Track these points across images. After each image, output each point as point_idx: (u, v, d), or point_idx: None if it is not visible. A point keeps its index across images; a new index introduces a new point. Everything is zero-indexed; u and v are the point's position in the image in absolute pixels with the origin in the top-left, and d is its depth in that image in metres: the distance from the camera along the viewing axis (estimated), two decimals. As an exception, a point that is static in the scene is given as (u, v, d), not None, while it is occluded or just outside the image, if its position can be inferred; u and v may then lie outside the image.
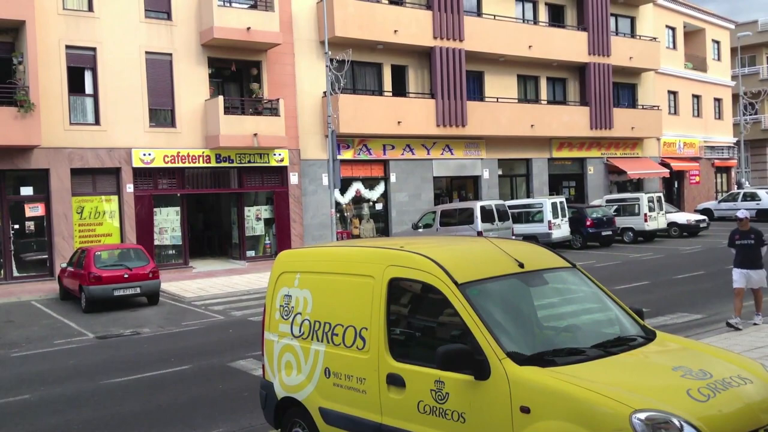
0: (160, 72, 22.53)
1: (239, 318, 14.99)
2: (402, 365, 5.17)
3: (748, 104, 45.25)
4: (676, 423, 3.97)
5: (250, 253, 24.50)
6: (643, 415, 3.97)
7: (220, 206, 26.99)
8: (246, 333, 12.90)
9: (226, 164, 23.51)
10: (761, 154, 51.06)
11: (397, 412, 5.17)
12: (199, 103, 23.02)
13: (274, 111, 23.80)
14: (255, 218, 24.76)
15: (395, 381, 5.18)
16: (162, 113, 22.82)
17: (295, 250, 7.18)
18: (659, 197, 29.17)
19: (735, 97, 45.61)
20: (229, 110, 22.86)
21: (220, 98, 22.54)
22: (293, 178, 24.90)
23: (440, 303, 5.07)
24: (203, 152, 22.98)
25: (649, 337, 5.26)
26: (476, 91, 30.45)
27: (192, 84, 22.92)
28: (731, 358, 4.95)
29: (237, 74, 24.56)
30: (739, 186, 43.08)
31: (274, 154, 24.35)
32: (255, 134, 22.85)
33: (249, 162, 23.87)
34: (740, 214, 11.51)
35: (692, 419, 4.00)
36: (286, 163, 24.62)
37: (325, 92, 23.44)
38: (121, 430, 8.02)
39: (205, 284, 20.26)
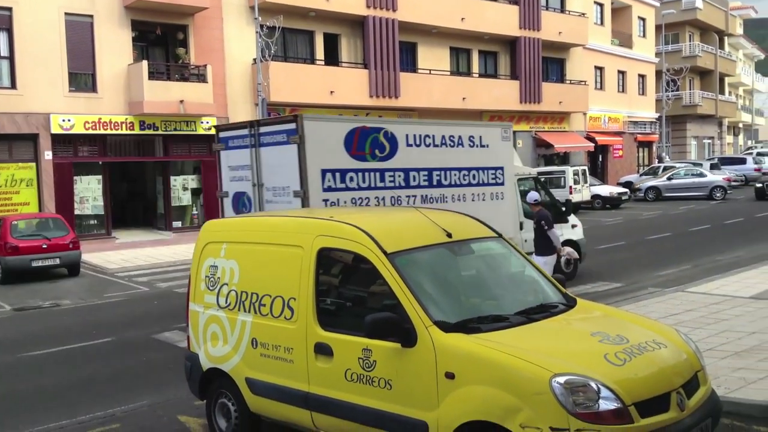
0: (80, 34, 21.51)
1: (165, 290, 14.69)
2: (330, 334, 5.18)
3: (671, 81, 46.85)
4: (594, 386, 4.09)
5: (177, 224, 23.93)
6: (562, 379, 4.09)
7: (144, 175, 26.17)
8: (171, 305, 12.65)
9: (151, 132, 22.74)
10: (681, 130, 53.11)
11: (325, 380, 5.18)
12: (122, 67, 22.13)
13: (201, 77, 23.12)
14: (182, 188, 24.14)
15: (323, 350, 5.18)
16: (82, 78, 21.85)
17: (221, 220, 7.06)
18: (584, 170, 30.08)
19: (658, 74, 47.13)
20: (153, 76, 22.06)
21: (144, 63, 21.74)
22: (222, 147, 24.29)
23: (369, 272, 5.08)
24: (126, 119, 22.16)
25: (570, 304, 5.41)
26: (409, 63, 30.40)
27: (114, 48, 21.99)
28: (647, 324, 5.14)
29: (162, 38, 23.67)
30: (660, 160, 44.78)
31: (202, 122, 23.72)
32: (181, 101, 22.18)
33: (175, 130, 23.17)
34: (531, 197, 10.82)
35: (609, 382, 4.13)
36: (213, 131, 23.96)
37: (255, 59, 22.92)
38: (43, 403, 7.79)
39: (129, 255, 19.72)
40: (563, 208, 13.44)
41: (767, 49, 79.39)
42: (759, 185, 31.23)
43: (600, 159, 41.97)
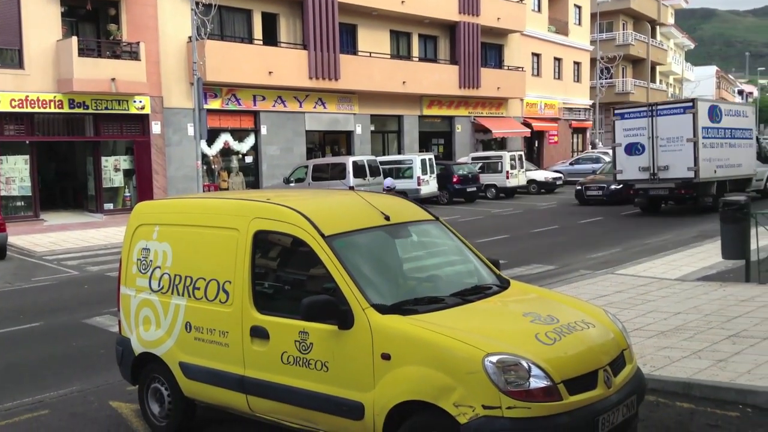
0: (5, 8, 20.53)
1: (95, 273, 14.29)
2: (266, 317, 5.15)
3: (605, 68, 48.02)
4: (525, 365, 4.19)
5: (108, 206, 23.25)
6: (494, 358, 4.17)
7: (74, 155, 25.29)
8: (103, 288, 12.32)
9: (81, 110, 21.96)
10: (613, 117, 54.51)
11: (261, 363, 5.15)
12: (51, 43, 21.26)
13: (134, 55, 22.42)
14: (113, 169, 23.44)
15: (259, 333, 5.15)
16: (8, 53, 20.89)
17: (153, 202, 6.90)
18: (520, 155, 30.66)
19: (593, 61, 48.24)
20: (84, 52, 21.26)
21: (74, 39, 20.93)
22: (155, 127, 23.72)
23: (306, 255, 5.06)
24: (55, 97, 21.33)
25: (503, 285, 5.51)
26: (349, 45, 30.21)
27: (42, 23, 21.07)
28: (576, 305, 5.29)
29: (93, 14, 22.84)
30: (593, 146, 45.95)
31: (134, 101, 23.03)
32: (113, 79, 21.47)
33: (106, 109, 22.44)
34: (387, 184, 11.02)
35: (539, 361, 4.24)
36: (147, 111, 23.37)
37: (190, 37, 22.35)
38: (-39, 392, 7.45)
39: (57, 238, 19.09)
40: None
41: (697, 39, 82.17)
42: None
43: (536, 144, 42.80)
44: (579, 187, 25.59)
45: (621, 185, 22.27)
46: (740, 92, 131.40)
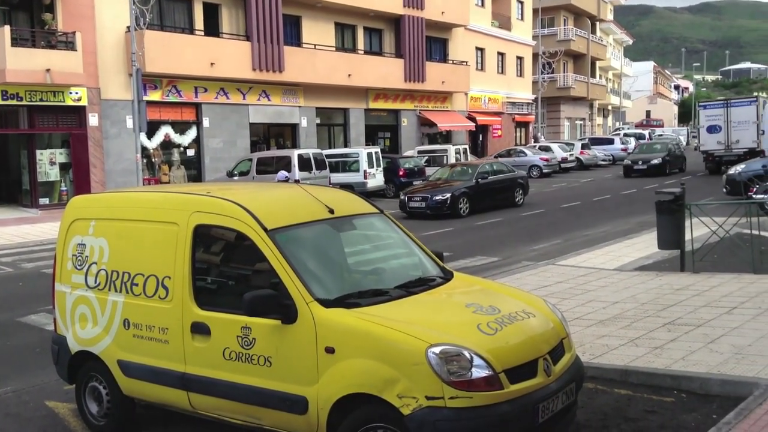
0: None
1: (30, 270, 13.83)
2: (207, 313, 5.07)
3: (546, 63, 48.90)
4: (467, 355, 4.23)
5: (44, 201, 22.51)
6: (437, 349, 4.20)
7: (7, 149, 24.35)
8: (38, 286, 11.92)
9: (14, 102, 21.14)
10: (556, 111, 55.72)
11: (202, 360, 5.07)
12: (-19, 31, 20.40)
13: (70, 45, 21.70)
14: (49, 162, 22.68)
15: (200, 329, 5.07)
16: (-66, 41, 19.96)
17: (89, 196, 6.72)
18: (465, 149, 31.03)
19: (535, 56, 49.05)
20: (17, 42, 20.45)
21: (7, 28, 20.12)
22: (93, 120, 23.03)
23: (249, 249, 4.99)
24: (-14, 87, 20.52)
25: (447, 277, 5.55)
26: (294, 37, 29.92)
27: (-29, 9, 20.22)
28: (518, 295, 5.37)
29: (27, 3, 22.01)
30: (536, 140, 46.79)
31: (71, 93, 22.30)
32: (48, 70, 20.75)
33: (41, 100, 21.67)
34: (279, 176, 11.09)
35: (481, 351, 4.29)
36: (84, 102, 22.66)
37: (128, 27, 21.76)
38: None
39: (-9, 234, 18.38)
40: None
41: (635, 35, 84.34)
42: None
43: (480, 138, 43.30)
44: (403, 197, 21.43)
45: (447, 196, 20.23)
46: (676, 87, 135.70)
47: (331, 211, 5.41)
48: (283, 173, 22.29)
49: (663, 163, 32.10)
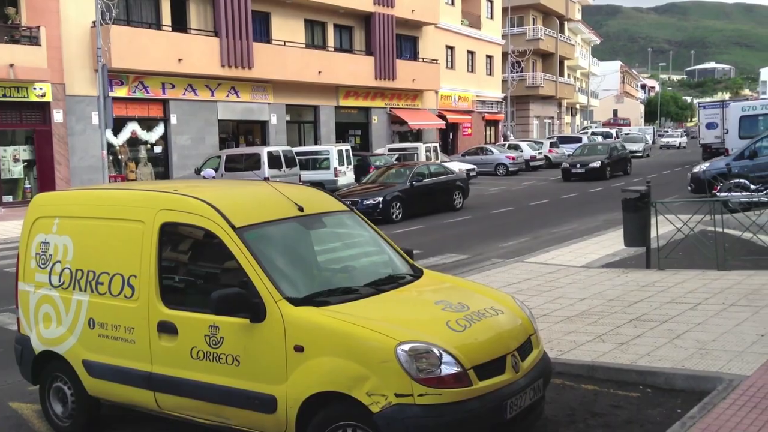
0: None
1: (-6, 269, 13.53)
2: (174, 312, 5.01)
3: (516, 62, 49.29)
4: (436, 352, 4.25)
5: (7, 198, 22.07)
6: (406, 347, 4.20)
7: (-30, 145, 23.82)
8: (1, 285, 11.66)
9: (-24, 97, 20.71)
10: (525, 110, 56.19)
11: (169, 359, 5.01)
12: (-60, 24, 19.91)
13: (33, 40, 21.29)
14: (12, 159, 22.22)
15: (167, 328, 5.01)
16: None
17: (53, 193, 6.59)
18: (436, 147, 31.09)
19: (504, 55, 49.40)
20: (-22, 36, 20.05)
21: (-33, 21, 19.69)
22: (57, 116, 22.62)
23: (216, 247, 4.94)
24: (-53, 82, 20.02)
25: (417, 275, 5.56)
26: (263, 33, 29.73)
27: (-70, 1, 19.71)
28: (486, 292, 5.40)
29: (-12, -5, 21.55)
30: (505, 138, 47.13)
31: (34, 89, 21.87)
32: (11, 65, 20.33)
33: (4, 96, 21.20)
34: (206, 174, 11.08)
35: (450, 348, 4.30)
36: (48, 98, 22.25)
37: (94, 22, 21.41)
38: None
39: (-49, 233, 17.94)
40: None
41: (603, 35, 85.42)
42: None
43: (451, 136, 43.49)
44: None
45: (379, 200, 19.20)
46: (643, 87, 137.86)
47: (301, 209, 5.38)
48: (210, 171, 21.96)
49: (602, 167, 30.75)
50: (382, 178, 21.24)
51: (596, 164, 30.81)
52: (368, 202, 19.01)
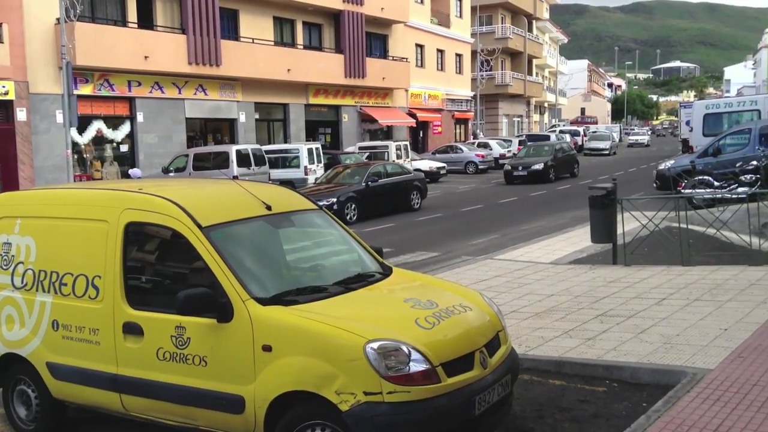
0: None
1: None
2: (140, 313, 4.96)
3: (485, 61, 49.58)
4: (405, 349, 4.25)
5: (-30, 198, 21.53)
6: (375, 345, 4.20)
7: (-71, 144, 23.22)
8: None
9: (-64, 95, 20.21)
10: (494, 108, 56.54)
11: (135, 361, 4.95)
12: None
13: (-4, 36, 20.83)
14: (-25, 158, 21.73)
15: (132, 330, 4.95)
16: None
17: (15, 193, 6.48)
18: (406, 145, 31.12)
19: (474, 54, 49.65)
20: (-63, 32, 19.55)
21: (-75, 16, 19.18)
22: (21, 114, 22.16)
23: (183, 247, 4.89)
24: None
25: (386, 273, 5.56)
26: (231, 30, 29.47)
27: None
28: (455, 289, 5.42)
29: (-53, -10, 21.01)
30: (475, 137, 47.40)
31: (-2, 86, 21.42)
32: (-28, 61, 19.85)
33: (-35, 94, 20.76)
34: (132, 173, 10.92)
35: (419, 345, 4.31)
36: (11, 96, 21.77)
37: (58, 19, 21.01)
38: None
39: None
40: None
41: (570, 34, 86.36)
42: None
43: (421, 135, 43.60)
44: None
45: (332, 201, 18.34)
46: (610, 85, 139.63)
47: (269, 208, 5.34)
48: (137, 171, 21.63)
49: (545, 169, 28.89)
50: (337, 179, 20.67)
51: (539, 166, 28.96)
52: (321, 203, 18.51)
